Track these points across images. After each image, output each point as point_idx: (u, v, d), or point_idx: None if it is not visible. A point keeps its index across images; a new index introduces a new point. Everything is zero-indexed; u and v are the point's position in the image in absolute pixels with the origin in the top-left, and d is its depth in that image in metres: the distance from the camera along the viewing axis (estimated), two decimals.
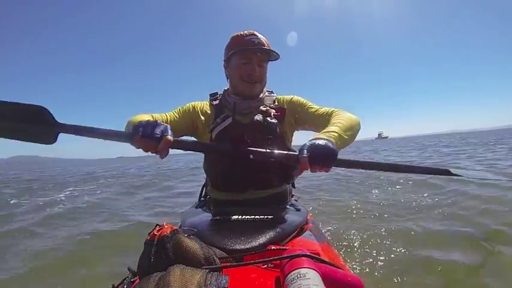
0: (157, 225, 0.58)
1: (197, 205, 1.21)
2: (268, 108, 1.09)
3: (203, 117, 1.12)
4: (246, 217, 0.85)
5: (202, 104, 1.17)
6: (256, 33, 1.06)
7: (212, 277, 0.49)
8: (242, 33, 1.07)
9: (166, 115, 1.08)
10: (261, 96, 1.14)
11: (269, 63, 1.13)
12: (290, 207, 1.08)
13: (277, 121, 1.06)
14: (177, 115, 1.11)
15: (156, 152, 0.73)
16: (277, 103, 1.15)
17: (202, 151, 0.99)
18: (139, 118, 0.90)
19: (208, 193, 1.21)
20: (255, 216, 0.85)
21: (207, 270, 0.51)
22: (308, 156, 0.74)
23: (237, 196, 1.06)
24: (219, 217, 0.90)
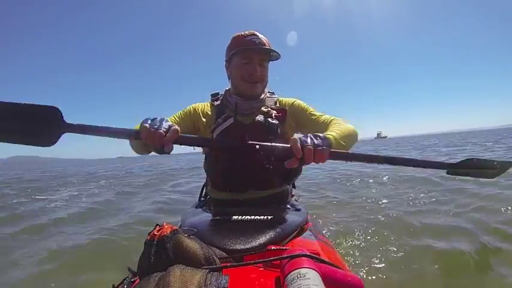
0: (157, 225, 0.58)
1: (197, 205, 1.21)
2: (270, 109, 1.09)
3: (204, 119, 1.12)
4: (246, 217, 0.85)
5: (203, 105, 1.17)
6: (257, 33, 1.06)
7: (212, 277, 0.50)
8: (243, 33, 1.07)
9: (167, 119, 1.09)
10: (262, 96, 1.14)
11: (270, 63, 1.13)
12: (290, 207, 1.08)
13: (278, 122, 1.06)
14: (178, 119, 1.11)
15: (162, 146, 0.72)
16: (279, 105, 1.15)
17: (207, 146, 1.00)
18: None
19: (208, 193, 1.21)
20: (255, 216, 0.86)
21: (207, 270, 0.51)
22: (299, 138, 0.74)
23: (237, 196, 1.06)
24: (219, 217, 0.90)
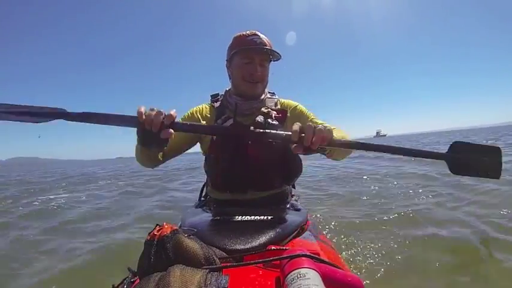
0: (157, 225, 0.58)
1: (197, 205, 1.21)
2: (270, 109, 1.09)
3: (204, 121, 1.12)
4: (246, 217, 0.85)
5: (202, 107, 1.17)
6: (258, 33, 1.06)
7: (212, 277, 0.50)
8: (244, 33, 1.07)
9: None
10: (263, 97, 1.14)
11: (271, 64, 1.12)
12: (290, 208, 1.08)
13: (278, 123, 1.06)
14: None
15: (159, 128, 0.70)
16: (280, 106, 1.15)
17: (204, 133, 1.03)
18: None
19: (208, 193, 1.21)
20: (255, 217, 0.86)
21: (207, 270, 0.51)
22: (300, 125, 0.71)
23: (238, 196, 1.06)
24: (219, 217, 0.90)
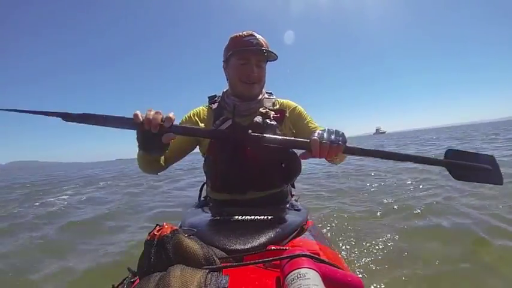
0: (157, 225, 0.58)
1: (197, 205, 1.21)
2: (268, 110, 1.09)
3: (202, 123, 1.11)
4: (246, 217, 0.85)
5: (199, 110, 1.17)
6: (254, 33, 1.06)
7: (212, 277, 0.49)
8: (241, 34, 1.06)
9: None
10: (260, 97, 1.14)
11: (268, 63, 1.12)
12: (290, 207, 1.08)
13: (276, 123, 1.06)
14: None
15: (158, 127, 0.71)
16: (278, 106, 1.15)
17: (203, 136, 1.03)
18: None
19: (208, 194, 1.21)
20: (255, 217, 0.86)
21: (207, 270, 0.51)
22: (319, 137, 0.74)
23: (237, 197, 1.06)
24: (219, 217, 0.90)
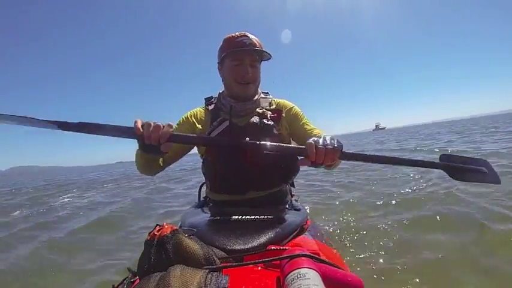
0: (157, 225, 0.58)
1: (197, 205, 1.21)
2: (264, 110, 1.09)
3: (200, 125, 1.11)
4: (246, 217, 0.85)
5: (196, 111, 1.17)
6: (247, 34, 1.06)
7: (212, 277, 0.49)
8: (234, 34, 1.06)
9: None
10: (256, 97, 1.13)
11: (263, 63, 1.12)
12: (290, 207, 1.08)
13: (273, 123, 1.06)
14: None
15: (158, 139, 0.73)
16: (275, 106, 1.15)
17: (202, 144, 1.03)
18: None
19: (207, 195, 1.21)
20: (255, 217, 0.86)
21: (207, 270, 0.51)
22: (314, 141, 0.75)
23: (236, 197, 1.06)
24: (219, 217, 0.90)
